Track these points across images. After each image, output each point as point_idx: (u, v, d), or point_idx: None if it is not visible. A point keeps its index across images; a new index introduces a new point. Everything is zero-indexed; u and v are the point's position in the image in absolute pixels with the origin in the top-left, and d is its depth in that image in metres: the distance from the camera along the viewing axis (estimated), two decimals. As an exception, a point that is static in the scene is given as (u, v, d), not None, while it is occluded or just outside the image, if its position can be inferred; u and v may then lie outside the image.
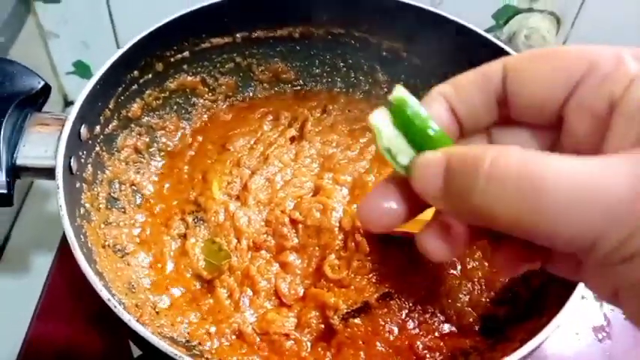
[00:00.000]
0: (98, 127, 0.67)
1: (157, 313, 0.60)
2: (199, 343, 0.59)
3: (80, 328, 0.72)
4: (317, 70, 0.85)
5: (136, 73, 0.72)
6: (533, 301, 0.59)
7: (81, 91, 0.62)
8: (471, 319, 0.61)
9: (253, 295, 0.63)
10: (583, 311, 0.75)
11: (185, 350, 0.55)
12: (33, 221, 0.88)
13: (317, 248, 0.67)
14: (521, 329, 0.56)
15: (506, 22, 1.02)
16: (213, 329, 0.60)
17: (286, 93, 0.85)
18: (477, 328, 0.61)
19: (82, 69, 1.06)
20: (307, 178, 0.73)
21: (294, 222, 0.68)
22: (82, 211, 0.61)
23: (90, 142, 0.65)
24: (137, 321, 0.51)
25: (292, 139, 0.78)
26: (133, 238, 0.67)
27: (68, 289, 0.75)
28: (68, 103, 1.09)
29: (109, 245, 0.63)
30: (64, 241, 0.80)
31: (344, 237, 0.67)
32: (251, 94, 0.84)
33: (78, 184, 0.62)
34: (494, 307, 0.62)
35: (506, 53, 0.70)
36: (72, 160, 0.60)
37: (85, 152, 0.64)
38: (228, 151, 0.76)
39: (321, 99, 0.84)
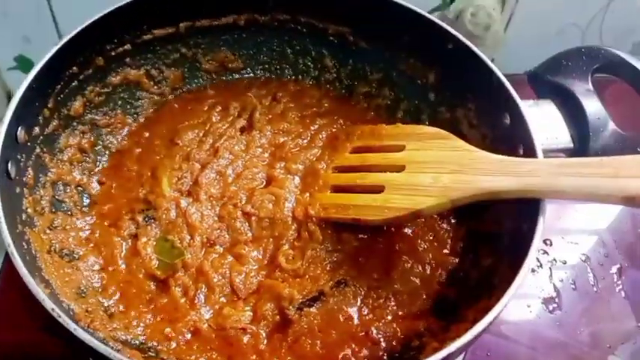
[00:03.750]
0: (37, 128, 0.64)
1: (110, 316, 0.59)
2: (156, 345, 0.58)
3: (35, 335, 0.70)
4: (265, 58, 0.84)
5: (74, 68, 0.69)
6: (483, 280, 0.60)
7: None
8: (423, 302, 0.63)
9: (208, 291, 0.63)
10: (534, 284, 0.78)
11: (139, 353, 0.54)
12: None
13: (271, 240, 0.67)
14: (473, 309, 0.57)
15: (453, 0, 1.02)
16: (168, 329, 0.59)
17: (234, 82, 0.83)
18: (429, 310, 0.62)
19: (24, 64, 1.02)
20: (259, 168, 0.73)
21: (247, 215, 0.68)
22: (24, 216, 0.59)
23: (29, 143, 0.63)
24: (87, 327, 0.50)
25: (242, 130, 0.77)
26: (81, 242, 0.65)
27: (21, 294, 0.73)
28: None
29: (55, 250, 0.61)
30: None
31: (297, 227, 0.67)
32: (198, 86, 0.82)
33: (18, 189, 0.59)
34: (445, 288, 0.64)
35: (450, 35, 0.71)
36: (9, 164, 0.58)
37: (24, 155, 0.61)
38: (177, 146, 0.74)
39: (270, 87, 0.82)
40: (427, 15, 0.73)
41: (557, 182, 0.54)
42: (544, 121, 0.64)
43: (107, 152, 0.74)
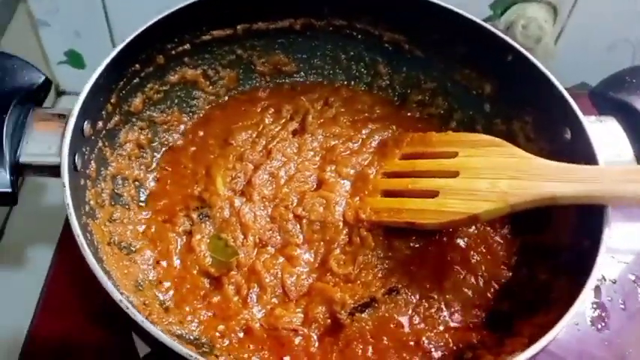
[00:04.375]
0: (100, 122, 0.66)
1: (166, 310, 0.60)
2: (210, 341, 0.59)
3: (83, 324, 0.71)
4: (318, 62, 0.84)
5: (137, 66, 0.71)
6: (539, 296, 0.60)
7: (78, 83, 0.61)
8: (475, 313, 0.62)
9: (260, 291, 0.63)
10: (582, 302, 0.76)
11: (194, 348, 0.55)
12: (28, 215, 0.87)
13: (322, 243, 0.67)
14: (529, 324, 0.56)
15: (504, 12, 1.02)
16: (222, 327, 0.60)
17: (287, 85, 0.84)
18: (482, 322, 0.61)
19: (74, 58, 1.04)
20: (310, 172, 0.73)
21: (298, 218, 0.68)
22: (87, 208, 0.60)
23: (93, 137, 0.64)
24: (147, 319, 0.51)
25: (294, 132, 0.78)
26: (138, 235, 0.66)
27: (70, 284, 0.75)
28: (60, 93, 1.07)
29: (114, 242, 0.62)
30: (63, 236, 0.80)
31: (348, 231, 0.67)
32: (252, 87, 0.83)
33: (82, 181, 0.61)
34: (498, 301, 0.63)
35: (506, 43, 0.70)
36: (76, 156, 0.59)
37: (88, 148, 0.63)
38: (231, 146, 0.75)
39: (322, 91, 0.83)
40: (486, 25, 0.72)
41: (620, 188, 0.53)
42: (607, 138, 0.63)
43: (163, 149, 0.75)
